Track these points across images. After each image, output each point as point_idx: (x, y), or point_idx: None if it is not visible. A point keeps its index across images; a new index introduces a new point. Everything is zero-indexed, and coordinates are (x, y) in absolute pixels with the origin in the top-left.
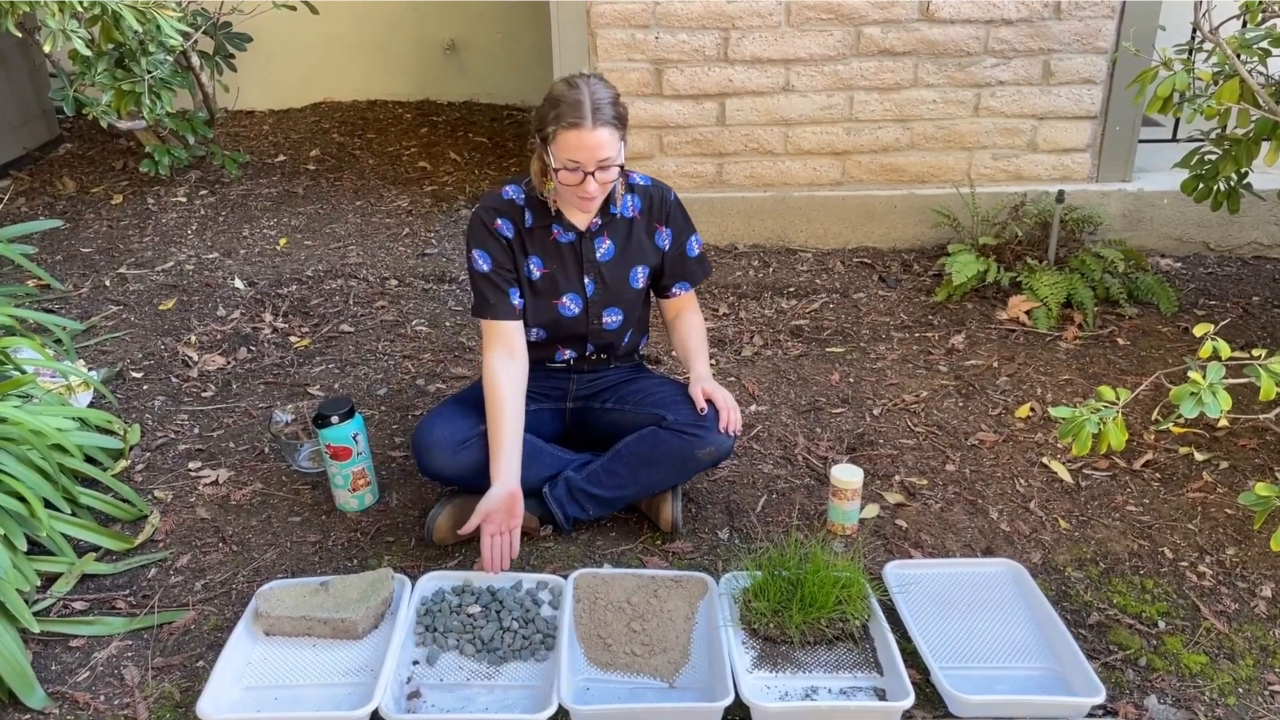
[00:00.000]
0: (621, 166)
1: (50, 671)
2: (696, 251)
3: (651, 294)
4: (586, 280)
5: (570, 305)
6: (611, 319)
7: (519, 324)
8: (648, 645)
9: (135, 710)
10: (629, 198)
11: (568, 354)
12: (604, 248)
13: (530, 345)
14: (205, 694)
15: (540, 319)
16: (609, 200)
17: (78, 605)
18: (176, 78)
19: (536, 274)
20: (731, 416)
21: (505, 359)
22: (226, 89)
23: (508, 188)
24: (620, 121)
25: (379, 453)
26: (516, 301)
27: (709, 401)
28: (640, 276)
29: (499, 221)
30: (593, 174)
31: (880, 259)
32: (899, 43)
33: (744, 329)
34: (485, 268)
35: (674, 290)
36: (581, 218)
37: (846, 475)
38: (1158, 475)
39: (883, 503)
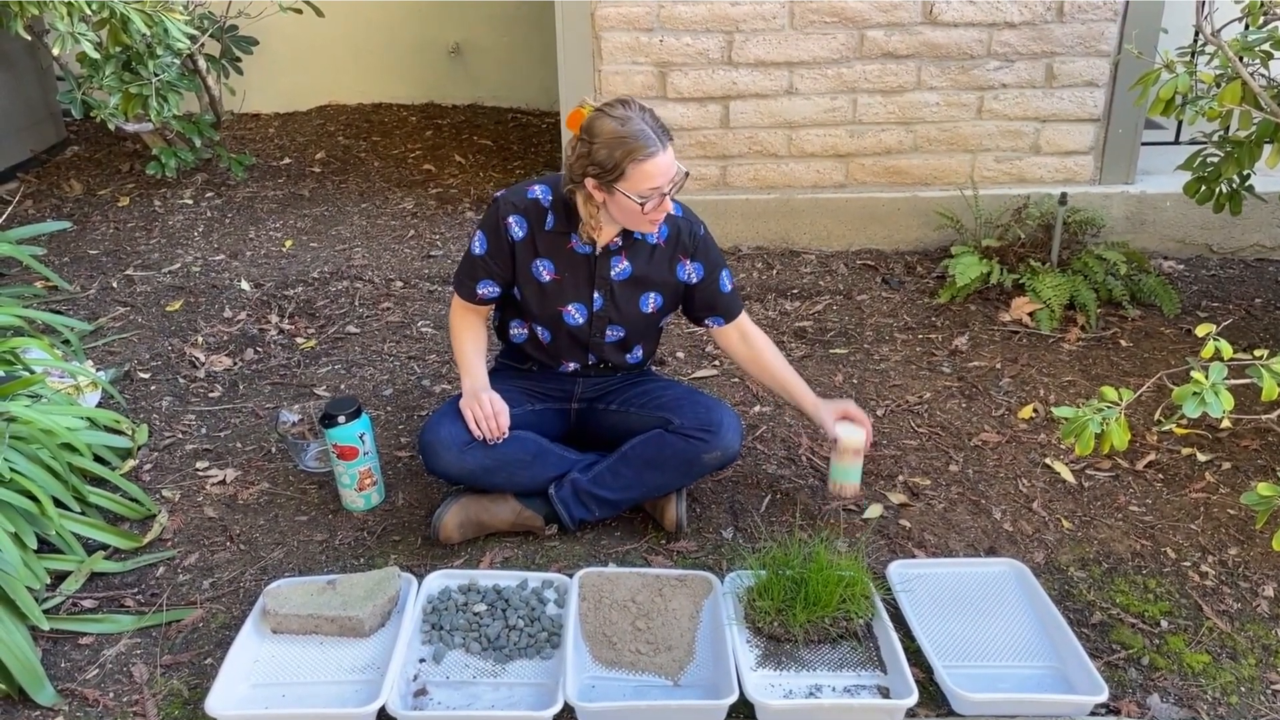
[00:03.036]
0: None
1: (59, 668)
2: (730, 287)
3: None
4: (596, 295)
5: (575, 314)
6: (614, 334)
7: (481, 310)
8: (653, 643)
9: (144, 707)
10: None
11: (571, 365)
12: (620, 267)
13: (537, 349)
14: (214, 691)
15: (545, 318)
16: None
17: (87, 603)
18: (183, 80)
19: (546, 277)
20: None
21: (468, 313)
22: (233, 92)
23: (535, 186)
24: None
25: (385, 452)
26: (484, 290)
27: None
28: (651, 303)
29: (512, 219)
30: (667, 192)
31: (883, 261)
32: (902, 45)
33: None
34: (477, 251)
35: (707, 322)
36: (605, 235)
37: (847, 434)
38: (1160, 475)
39: (886, 503)
